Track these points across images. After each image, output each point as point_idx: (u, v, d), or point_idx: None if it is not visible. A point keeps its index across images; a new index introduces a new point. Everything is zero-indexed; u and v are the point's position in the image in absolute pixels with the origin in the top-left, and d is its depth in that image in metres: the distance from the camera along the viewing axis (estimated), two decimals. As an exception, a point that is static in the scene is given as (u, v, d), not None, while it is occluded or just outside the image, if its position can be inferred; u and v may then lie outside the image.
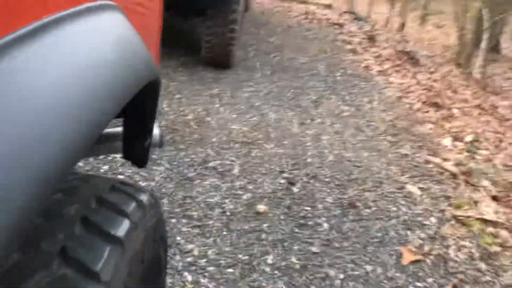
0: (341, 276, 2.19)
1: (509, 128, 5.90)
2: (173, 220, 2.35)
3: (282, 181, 2.85)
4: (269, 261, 2.20)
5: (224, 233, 2.33)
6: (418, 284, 2.22)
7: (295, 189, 2.79)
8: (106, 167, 2.66)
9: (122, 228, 0.80)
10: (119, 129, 1.53)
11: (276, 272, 2.14)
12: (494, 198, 3.28)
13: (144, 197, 0.95)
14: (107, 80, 0.71)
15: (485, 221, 2.86)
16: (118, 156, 2.76)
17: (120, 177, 2.60)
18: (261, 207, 2.56)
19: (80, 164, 2.63)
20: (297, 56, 5.54)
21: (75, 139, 0.59)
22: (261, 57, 5.29)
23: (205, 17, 4.27)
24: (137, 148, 1.24)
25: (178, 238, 2.24)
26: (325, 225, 2.52)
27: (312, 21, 7.74)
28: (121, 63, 0.78)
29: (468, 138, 4.39)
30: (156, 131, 1.67)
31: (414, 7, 14.47)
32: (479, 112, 5.92)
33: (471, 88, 7.62)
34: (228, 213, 2.48)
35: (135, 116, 1.17)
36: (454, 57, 9.29)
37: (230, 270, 2.11)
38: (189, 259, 2.13)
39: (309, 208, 2.63)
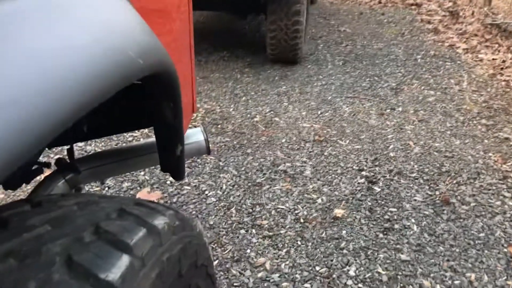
0: (438, 287, 1.86)
1: None
2: (242, 231, 2.17)
3: (361, 180, 2.55)
4: (351, 273, 1.93)
5: (299, 243, 2.10)
6: (539, 294, 1.83)
7: (377, 189, 2.48)
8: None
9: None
10: (152, 139, 1.37)
11: (360, 285, 1.87)
12: None
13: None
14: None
15: None
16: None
17: (186, 188, 2.47)
18: (339, 212, 2.29)
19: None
20: (371, 43, 5.15)
21: None
22: (331, 48, 4.97)
23: (267, 13, 4.06)
24: (169, 158, 1.07)
25: (248, 250, 2.05)
26: (415, 228, 2.19)
27: (385, 5, 7.24)
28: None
29: None
30: (200, 136, 1.49)
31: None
32: None
33: None
34: (302, 220, 2.24)
35: (160, 121, 0.99)
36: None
37: (307, 285, 1.87)
38: (260, 274, 1.93)
39: (394, 210, 2.31)
